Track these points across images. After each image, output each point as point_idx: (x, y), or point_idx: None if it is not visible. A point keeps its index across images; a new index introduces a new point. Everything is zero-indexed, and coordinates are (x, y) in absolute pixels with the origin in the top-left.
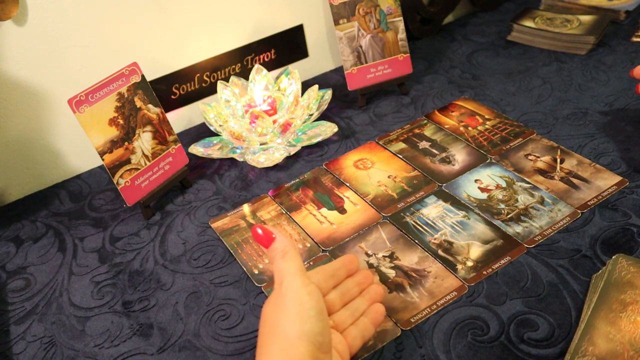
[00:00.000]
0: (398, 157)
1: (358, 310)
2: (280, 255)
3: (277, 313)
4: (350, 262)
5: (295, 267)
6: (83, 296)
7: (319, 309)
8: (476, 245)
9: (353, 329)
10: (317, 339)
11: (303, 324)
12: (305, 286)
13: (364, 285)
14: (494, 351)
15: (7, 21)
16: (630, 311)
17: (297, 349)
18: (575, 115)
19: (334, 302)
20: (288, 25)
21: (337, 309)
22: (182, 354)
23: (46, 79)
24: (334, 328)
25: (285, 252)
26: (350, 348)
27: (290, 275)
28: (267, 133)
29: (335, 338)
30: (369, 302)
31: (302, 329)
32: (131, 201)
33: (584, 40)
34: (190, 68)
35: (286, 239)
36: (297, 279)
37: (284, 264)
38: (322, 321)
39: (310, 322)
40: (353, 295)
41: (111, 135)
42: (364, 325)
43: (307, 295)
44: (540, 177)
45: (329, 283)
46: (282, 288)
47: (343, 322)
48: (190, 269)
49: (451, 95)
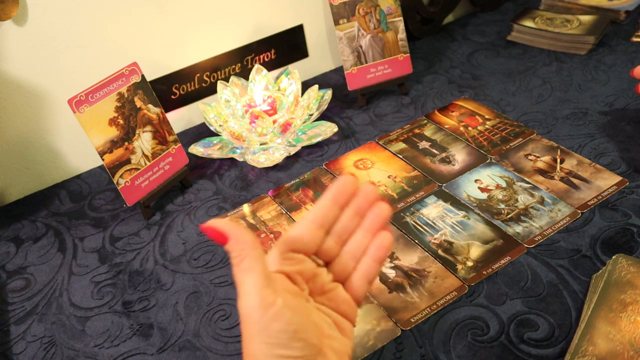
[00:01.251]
0: (398, 157)
1: (359, 247)
2: (238, 260)
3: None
4: (344, 188)
5: (254, 282)
6: (83, 296)
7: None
8: (476, 245)
9: (356, 275)
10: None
11: (272, 349)
12: (268, 309)
13: (365, 209)
14: (494, 351)
15: (7, 21)
16: (630, 311)
17: None
18: (575, 115)
19: (331, 249)
20: (288, 25)
21: (336, 254)
22: (182, 354)
23: (46, 79)
24: (335, 280)
25: (242, 259)
26: (356, 299)
27: (247, 295)
28: (267, 133)
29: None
30: (371, 233)
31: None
32: (131, 201)
33: (584, 40)
34: (190, 68)
35: (243, 241)
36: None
37: (242, 276)
38: (301, 341)
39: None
40: (351, 229)
41: (111, 135)
42: (366, 267)
43: (273, 322)
44: (540, 177)
45: (318, 235)
46: (242, 308)
47: (344, 269)
48: (190, 269)
49: (451, 95)
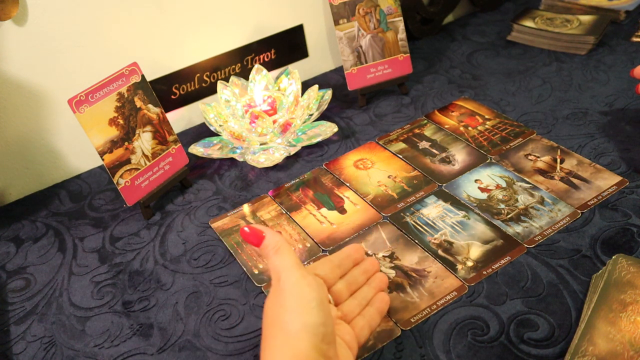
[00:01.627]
0: (398, 157)
1: (365, 298)
2: (274, 251)
3: (278, 308)
4: (355, 251)
5: (291, 261)
6: (83, 296)
7: (319, 299)
8: (476, 245)
9: (360, 319)
10: (319, 330)
11: (304, 316)
12: (304, 278)
13: (370, 273)
14: (494, 351)
15: (7, 21)
16: (630, 311)
17: (299, 341)
18: (575, 115)
19: (342, 292)
20: (288, 25)
21: (345, 298)
22: (182, 354)
23: (46, 79)
24: (342, 319)
25: (278, 248)
26: (358, 338)
27: (287, 270)
28: (267, 133)
29: (342, 329)
30: (375, 290)
31: (303, 322)
32: (131, 201)
33: (584, 40)
34: (190, 68)
35: (277, 235)
36: (294, 272)
37: (278, 260)
38: (323, 311)
39: (311, 314)
40: (360, 283)
41: (111, 135)
42: (370, 315)
43: (307, 287)
44: (540, 177)
45: (336, 273)
46: (280, 283)
47: (351, 311)
48: (190, 269)
49: (451, 95)
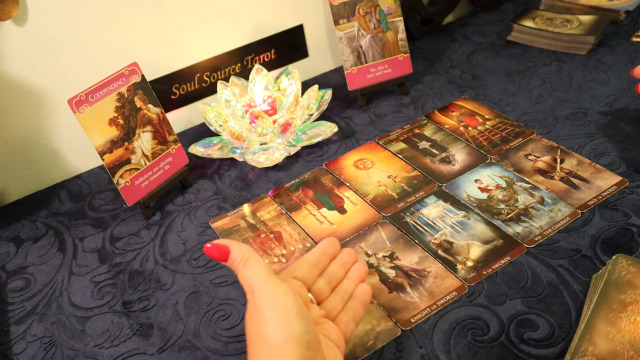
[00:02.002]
0: (398, 157)
1: (347, 292)
2: (242, 264)
3: (258, 322)
4: (331, 245)
5: (262, 272)
6: (83, 296)
7: (297, 307)
8: (476, 245)
9: (344, 314)
10: (303, 338)
11: (285, 327)
12: (278, 287)
13: (349, 265)
14: (494, 351)
15: (7, 21)
16: (630, 311)
17: (284, 354)
18: (575, 115)
19: (323, 290)
20: (288, 25)
21: (327, 295)
22: (182, 354)
23: (46, 79)
24: (326, 317)
25: (246, 260)
26: (344, 334)
27: (259, 281)
28: (267, 133)
29: (328, 327)
30: (355, 282)
31: (285, 333)
32: (131, 201)
33: (584, 40)
34: (190, 68)
35: (243, 246)
36: (267, 283)
37: (248, 272)
38: (304, 319)
39: (292, 324)
40: (340, 277)
41: (111, 135)
42: (354, 309)
43: (283, 297)
44: (540, 177)
45: (314, 272)
46: (255, 296)
47: (334, 308)
48: (190, 269)
49: (451, 95)
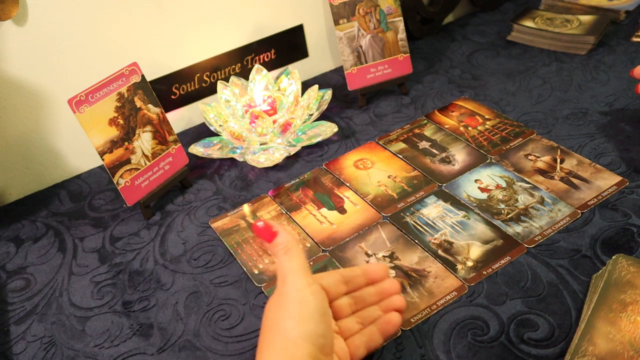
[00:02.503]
0: (398, 157)
1: (369, 317)
2: (283, 251)
3: (280, 312)
4: (376, 269)
5: (299, 265)
6: (83, 296)
7: (322, 310)
8: (476, 245)
9: (358, 337)
10: (319, 340)
11: (305, 324)
12: (309, 286)
13: (386, 295)
14: (494, 351)
15: (7, 21)
16: (630, 311)
17: (298, 349)
18: (575, 115)
19: (343, 308)
20: (288, 25)
21: (346, 314)
22: (182, 354)
23: (46, 79)
24: (338, 333)
25: (289, 249)
26: (351, 356)
27: (293, 274)
28: (267, 133)
29: (337, 343)
30: (385, 310)
31: (304, 330)
32: (131, 201)
33: (584, 40)
34: (190, 68)
35: (289, 235)
36: (300, 278)
37: (287, 262)
38: (324, 323)
39: (312, 323)
40: (368, 303)
41: (111, 135)
42: (370, 334)
43: (311, 295)
44: (540, 177)
45: (340, 288)
46: (285, 287)
47: (349, 329)
48: (190, 269)
49: (451, 95)
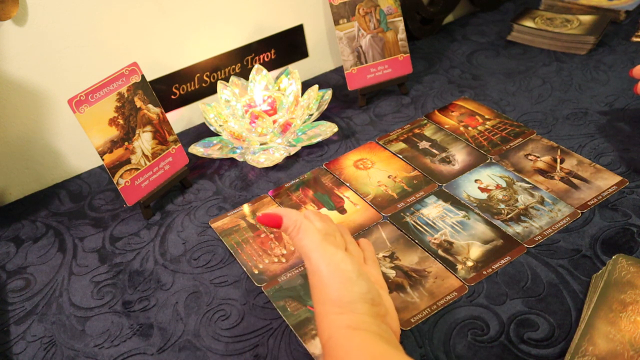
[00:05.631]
0: (398, 157)
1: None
2: (296, 231)
3: (322, 287)
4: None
5: (316, 240)
6: (83, 296)
7: (357, 270)
8: (476, 245)
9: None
10: (367, 297)
11: (349, 290)
12: (334, 255)
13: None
14: (494, 351)
15: (7, 21)
16: (630, 311)
17: (354, 311)
18: (575, 115)
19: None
20: (288, 25)
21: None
22: (182, 354)
23: (46, 79)
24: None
25: (299, 227)
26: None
27: (314, 250)
28: (267, 133)
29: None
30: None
31: (351, 294)
32: (131, 201)
33: (584, 40)
34: (190, 68)
35: (293, 214)
36: (322, 253)
37: (303, 240)
38: (364, 279)
39: (355, 286)
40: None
41: (111, 135)
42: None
43: (342, 263)
44: (540, 177)
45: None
46: (313, 264)
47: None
48: (190, 269)
49: (451, 95)
